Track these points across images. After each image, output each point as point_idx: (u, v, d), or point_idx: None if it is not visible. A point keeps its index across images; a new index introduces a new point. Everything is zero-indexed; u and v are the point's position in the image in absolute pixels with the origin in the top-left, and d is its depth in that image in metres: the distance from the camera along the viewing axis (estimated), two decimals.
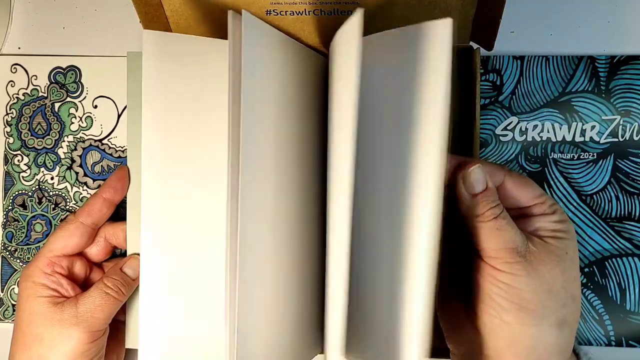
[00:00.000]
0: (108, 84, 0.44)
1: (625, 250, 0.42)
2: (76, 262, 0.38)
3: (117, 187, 0.37)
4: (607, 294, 0.42)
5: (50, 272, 0.36)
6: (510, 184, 0.32)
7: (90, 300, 0.35)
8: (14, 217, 0.44)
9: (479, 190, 0.31)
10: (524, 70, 0.43)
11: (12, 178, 0.44)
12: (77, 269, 0.38)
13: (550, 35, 0.43)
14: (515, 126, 0.43)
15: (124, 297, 0.36)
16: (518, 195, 0.32)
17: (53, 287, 0.36)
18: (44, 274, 0.36)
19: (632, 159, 0.42)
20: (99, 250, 0.39)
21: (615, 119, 0.43)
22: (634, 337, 0.42)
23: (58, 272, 0.36)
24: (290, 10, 0.38)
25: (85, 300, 0.35)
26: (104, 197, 0.37)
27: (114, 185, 0.37)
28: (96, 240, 0.38)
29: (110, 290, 0.35)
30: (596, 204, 0.43)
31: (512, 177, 0.32)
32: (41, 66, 0.45)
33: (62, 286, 0.36)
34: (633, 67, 0.42)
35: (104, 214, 0.38)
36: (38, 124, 0.44)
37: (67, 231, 0.37)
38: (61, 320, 0.34)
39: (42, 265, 0.36)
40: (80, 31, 0.45)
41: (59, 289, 0.36)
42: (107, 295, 0.35)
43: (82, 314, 0.34)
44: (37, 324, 0.35)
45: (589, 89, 0.43)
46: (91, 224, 0.37)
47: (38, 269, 0.36)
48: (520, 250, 0.29)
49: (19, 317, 0.35)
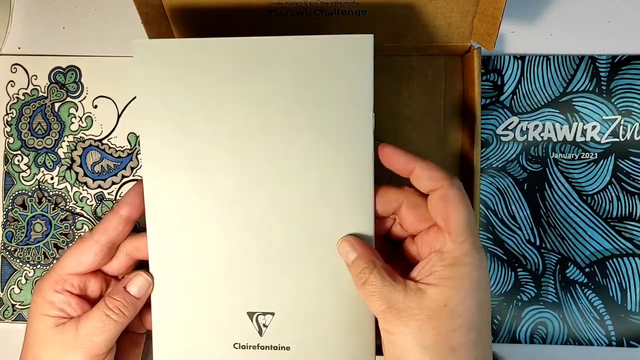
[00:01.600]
0: (108, 84, 0.44)
1: (626, 250, 0.42)
2: (90, 280, 0.36)
3: (134, 204, 0.35)
4: (608, 294, 0.42)
5: (60, 290, 0.34)
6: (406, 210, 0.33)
7: (90, 323, 0.33)
8: (13, 217, 0.44)
9: (349, 262, 0.32)
10: (524, 70, 0.43)
11: (12, 178, 0.44)
12: (92, 287, 0.36)
13: (551, 35, 0.43)
14: (516, 126, 0.43)
15: (126, 319, 0.34)
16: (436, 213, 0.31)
17: (60, 306, 0.34)
18: (54, 291, 0.34)
19: (632, 159, 0.42)
20: (119, 265, 0.36)
21: (616, 119, 0.42)
22: (635, 337, 0.42)
23: (67, 291, 0.35)
24: (291, 10, 0.38)
25: (86, 323, 0.33)
26: (120, 214, 0.34)
27: (130, 202, 0.35)
28: (116, 256, 0.36)
29: (110, 312, 0.33)
30: (597, 204, 0.42)
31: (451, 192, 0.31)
32: (41, 66, 0.45)
33: (70, 305, 0.34)
34: (634, 67, 0.42)
35: (121, 232, 0.35)
36: (38, 124, 0.44)
37: (80, 249, 0.35)
38: (61, 343, 0.33)
39: (53, 281, 0.34)
40: (80, 31, 0.45)
41: (66, 308, 0.34)
42: (107, 317, 0.33)
43: (81, 338, 0.33)
44: (39, 344, 0.34)
45: (589, 89, 0.43)
46: (106, 242, 0.34)
47: (49, 285, 0.34)
48: (393, 309, 0.30)
49: (26, 333, 0.35)
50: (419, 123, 0.42)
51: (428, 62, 0.42)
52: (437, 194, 0.31)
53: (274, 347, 0.34)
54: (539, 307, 0.42)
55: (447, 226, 0.30)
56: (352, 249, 0.32)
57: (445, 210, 0.31)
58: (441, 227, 0.31)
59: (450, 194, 0.31)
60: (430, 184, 0.32)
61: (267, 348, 0.34)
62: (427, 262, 0.31)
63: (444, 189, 0.31)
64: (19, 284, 0.44)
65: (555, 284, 0.42)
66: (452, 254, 0.30)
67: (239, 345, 0.34)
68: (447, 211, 0.30)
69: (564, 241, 0.43)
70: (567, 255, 0.43)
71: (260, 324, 0.34)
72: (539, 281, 0.42)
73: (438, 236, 0.31)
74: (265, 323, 0.34)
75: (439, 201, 0.31)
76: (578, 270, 0.42)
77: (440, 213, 0.31)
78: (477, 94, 0.37)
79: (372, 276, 0.31)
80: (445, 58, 0.42)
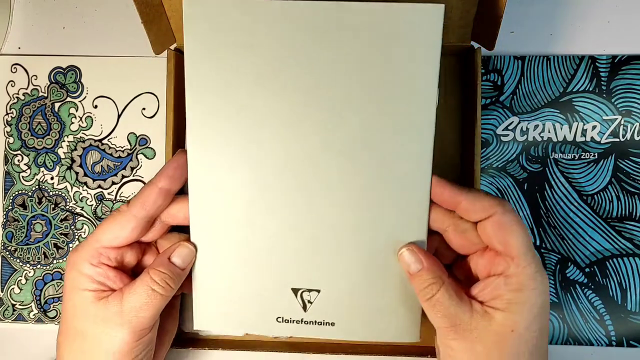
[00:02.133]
0: (108, 84, 0.44)
1: (626, 250, 0.42)
2: (127, 252, 0.34)
3: (174, 176, 0.33)
4: (608, 294, 0.42)
5: (97, 264, 0.33)
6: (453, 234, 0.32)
7: (136, 298, 0.32)
8: (14, 217, 0.44)
9: (413, 272, 0.32)
10: (525, 70, 0.43)
11: (12, 178, 0.44)
12: (128, 258, 0.35)
13: (551, 35, 0.43)
14: (516, 126, 0.43)
15: (172, 292, 0.33)
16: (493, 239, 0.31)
17: (99, 279, 0.33)
18: (90, 265, 0.33)
19: (633, 159, 0.42)
20: (154, 233, 0.35)
21: (616, 119, 0.42)
22: (635, 337, 0.42)
23: (105, 264, 0.33)
24: None
25: (130, 297, 0.32)
26: (159, 186, 0.33)
27: (171, 174, 0.33)
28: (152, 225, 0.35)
29: (156, 286, 0.32)
30: (597, 204, 0.42)
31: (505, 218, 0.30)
32: (41, 66, 0.45)
33: (109, 278, 0.33)
34: (634, 67, 0.42)
35: (160, 206, 0.33)
36: (38, 124, 0.44)
37: (118, 224, 0.33)
38: (105, 318, 0.32)
39: (88, 255, 0.33)
40: (80, 31, 0.45)
41: (106, 282, 0.33)
42: (153, 292, 0.32)
43: (126, 313, 0.32)
44: (80, 319, 0.33)
45: (589, 89, 0.43)
46: (145, 217, 0.33)
47: (84, 259, 0.33)
48: (457, 328, 0.30)
49: (64, 307, 0.34)
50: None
51: None
52: (491, 221, 0.30)
53: (318, 323, 0.34)
54: None
55: (508, 251, 0.30)
56: (416, 259, 0.32)
57: (504, 236, 0.30)
58: (500, 252, 0.30)
59: (505, 220, 0.30)
60: (481, 215, 0.31)
61: (311, 323, 0.34)
62: (489, 284, 0.30)
63: (498, 215, 0.30)
64: (19, 284, 0.44)
65: (555, 284, 0.42)
66: (518, 279, 0.30)
67: (282, 319, 0.34)
68: (505, 237, 0.30)
69: (564, 241, 0.43)
70: (567, 255, 0.43)
71: (305, 300, 0.34)
72: None
73: (498, 260, 0.31)
74: (310, 299, 0.34)
75: (494, 228, 0.30)
76: (578, 270, 0.42)
77: (497, 239, 0.30)
78: (477, 94, 0.37)
79: (439, 293, 0.30)
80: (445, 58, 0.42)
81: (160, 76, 0.41)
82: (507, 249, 0.30)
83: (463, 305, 0.30)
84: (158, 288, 0.32)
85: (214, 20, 0.32)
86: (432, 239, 0.34)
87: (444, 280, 0.31)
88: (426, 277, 0.31)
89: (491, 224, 0.30)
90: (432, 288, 0.31)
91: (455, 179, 0.42)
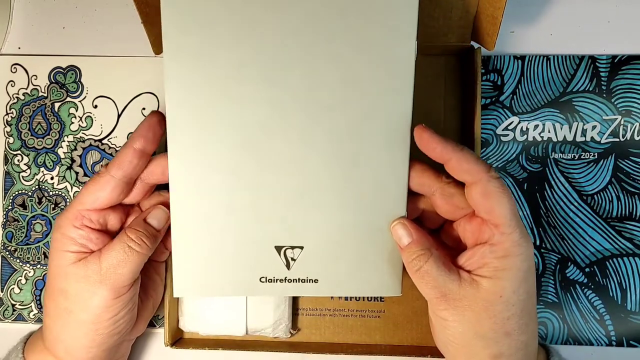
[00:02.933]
0: (108, 84, 0.44)
1: (626, 250, 0.42)
2: (109, 214, 0.35)
3: (148, 136, 0.33)
4: (608, 294, 0.42)
5: (79, 226, 0.34)
6: (440, 199, 0.33)
7: (113, 255, 0.33)
8: (13, 217, 0.44)
9: (403, 245, 0.33)
10: (524, 70, 0.43)
11: (12, 178, 0.44)
12: (112, 221, 0.35)
13: (551, 35, 0.43)
14: (516, 126, 0.43)
15: (148, 250, 0.34)
16: (478, 206, 0.31)
17: (81, 241, 0.34)
18: (73, 227, 0.34)
19: (633, 158, 0.42)
20: (136, 193, 0.35)
21: (616, 118, 0.42)
22: (635, 337, 0.42)
23: (87, 226, 0.34)
24: None
25: (108, 255, 0.33)
26: (134, 147, 0.33)
27: (144, 134, 0.33)
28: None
29: (133, 244, 0.33)
30: (597, 204, 0.42)
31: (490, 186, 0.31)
32: (41, 66, 0.45)
33: (91, 241, 0.34)
34: (634, 67, 0.42)
35: (136, 166, 0.33)
36: (38, 124, 0.44)
37: (97, 185, 0.34)
38: (85, 277, 0.33)
39: (72, 217, 0.34)
40: (80, 31, 0.45)
41: (88, 244, 0.34)
42: (130, 249, 0.33)
43: (105, 271, 0.33)
44: (62, 278, 0.34)
45: (589, 88, 0.43)
46: (122, 177, 0.33)
47: (68, 221, 0.34)
48: (447, 298, 0.31)
49: (49, 267, 0.35)
50: (418, 123, 0.42)
51: (428, 62, 0.42)
52: (477, 188, 0.31)
53: (302, 280, 0.34)
54: (539, 307, 0.42)
55: (493, 219, 0.31)
56: (406, 232, 0.33)
57: (488, 204, 0.31)
58: (486, 220, 0.31)
59: (490, 188, 0.31)
60: (467, 178, 0.31)
61: (295, 281, 0.34)
62: (476, 253, 0.31)
63: (483, 182, 0.31)
64: (19, 284, 0.44)
65: (555, 284, 0.42)
66: (503, 246, 0.30)
67: (265, 279, 0.34)
68: (490, 205, 0.30)
69: (564, 241, 0.43)
70: (567, 255, 0.43)
71: (289, 257, 0.34)
72: (539, 281, 0.42)
73: (483, 227, 0.31)
74: (294, 257, 0.34)
75: (479, 196, 0.31)
76: (578, 270, 0.42)
77: (482, 207, 0.31)
78: (477, 94, 0.37)
79: (427, 264, 0.31)
80: (445, 58, 0.42)
81: (160, 76, 0.41)
82: (492, 217, 0.31)
83: (451, 274, 0.31)
84: (134, 245, 0.33)
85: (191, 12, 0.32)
86: (418, 200, 0.35)
87: (432, 252, 0.32)
88: (415, 249, 0.32)
89: (476, 191, 0.31)
90: (421, 259, 0.31)
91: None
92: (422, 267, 0.31)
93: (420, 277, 0.31)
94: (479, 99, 0.37)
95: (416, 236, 0.32)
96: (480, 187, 0.31)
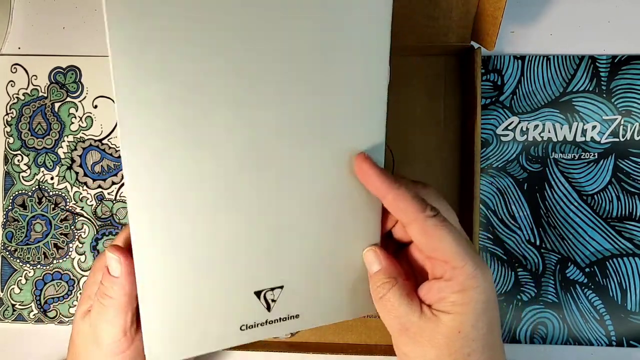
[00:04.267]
0: (108, 84, 0.44)
1: (626, 250, 0.42)
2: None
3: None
4: (608, 294, 0.42)
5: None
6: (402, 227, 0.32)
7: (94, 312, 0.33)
8: (13, 217, 0.44)
9: (371, 272, 0.32)
10: (524, 70, 0.43)
11: (12, 178, 0.44)
12: None
13: (551, 35, 0.43)
14: (516, 126, 0.43)
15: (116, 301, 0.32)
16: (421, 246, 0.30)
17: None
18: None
19: (632, 158, 0.42)
20: None
21: (616, 118, 0.42)
22: (635, 337, 0.42)
23: None
24: None
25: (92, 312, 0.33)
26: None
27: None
28: None
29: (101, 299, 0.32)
30: (597, 204, 0.42)
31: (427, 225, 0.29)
32: (41, 66, 0.45)
33: None
34: (634, 67, 0.42)
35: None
36: (38, 124, 0.44)
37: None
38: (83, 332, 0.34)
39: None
40: (80, 31, 0.45)
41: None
42: (100, 305, 0.32)
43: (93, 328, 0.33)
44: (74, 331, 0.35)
45: (589, 89, 0.43)
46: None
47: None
48: (409, 332, 0.30)
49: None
50: (418, 123, 0.42)
51: (428, 62, 0.42)
52: (415, 228, 0.30)
53: (283, 319, 0.33)
54: (539, 307, 0.42)
55: (440, 256, 0.30)
56: (376, 260, 0.32)
57: (431, 243, 0.30)
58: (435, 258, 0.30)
59: (428, 226, 0.29)
60: (403, 217, 0.30)
61: (276, 321, 0.33)
62: (433, 287, 0.30)
63: (419, 222, 0.30)
64: (19, 284, 0.44)
65: (555, 284, 0.42)
66: (458, 280, 0.29)
67: (246, 326, 0.32)
68: (433, 243, 0.30)
69: (564, 241, 0.43)
70: (567, 255, 0.43)
71: (269, 299, 0.33)
72: (539, 281, 0.42)
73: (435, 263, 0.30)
74: (274, 298, 0.33)
75: (419, 235, 0.30)
76: (578, 270, 0.42)
77: (425, 246, 0.30)
78: (477, 94, 0.37)
79: (390, 292, 0.31)
80: (445, 58, 0.42)
81: None
82: (438, 254, 0.30)
83: (413, 305, 0.30)
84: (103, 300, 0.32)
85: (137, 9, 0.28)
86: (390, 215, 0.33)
87: (397, 281, 0.31)
88: (381, 276, 0.32)
89: (416, 230, 0.30)
90: (384, 287, 0.31)
91: (455, 179, 0.42)
92: (385, 295, 0.31)
93: (382, 305, 0.31)
94: (479, 99, 0.37)
95: (385, 264, 0.32)
96: (417, 227, 0.30)
